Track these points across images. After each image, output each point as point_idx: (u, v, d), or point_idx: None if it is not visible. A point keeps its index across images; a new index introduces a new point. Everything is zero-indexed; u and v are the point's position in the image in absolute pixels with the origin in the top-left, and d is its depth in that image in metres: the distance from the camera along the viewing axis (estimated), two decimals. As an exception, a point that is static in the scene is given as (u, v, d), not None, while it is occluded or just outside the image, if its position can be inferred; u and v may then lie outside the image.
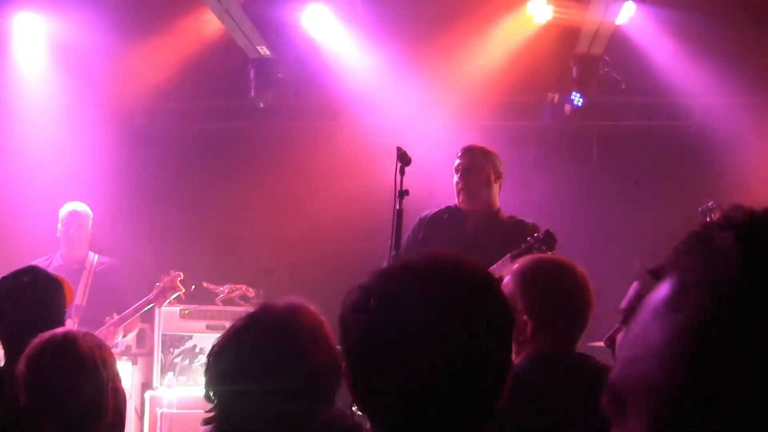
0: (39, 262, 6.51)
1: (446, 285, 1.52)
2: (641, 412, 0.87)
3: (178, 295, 6.35)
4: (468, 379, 1.48)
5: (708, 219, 5.81)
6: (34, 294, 3.57)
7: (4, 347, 3.62)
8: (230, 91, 8.06)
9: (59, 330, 3.05)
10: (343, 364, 1.58)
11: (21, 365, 2.85)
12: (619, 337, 2.37)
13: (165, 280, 6.34)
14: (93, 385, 2.81)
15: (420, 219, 5.44)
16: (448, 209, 5.39)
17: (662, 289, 0.91)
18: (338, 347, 2.26)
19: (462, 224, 5.29)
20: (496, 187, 5.30)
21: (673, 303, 0.89)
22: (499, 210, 5.31)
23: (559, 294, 2.82)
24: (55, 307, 3.63)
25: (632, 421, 0.89)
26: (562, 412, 2.63)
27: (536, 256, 3.10)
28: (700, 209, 5.85)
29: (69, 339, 2.88)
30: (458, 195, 5.30)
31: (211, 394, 2.30)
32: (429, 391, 1.47)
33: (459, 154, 5.36)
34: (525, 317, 2.78)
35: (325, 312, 2.45)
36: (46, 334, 2.94)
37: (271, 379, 2.23)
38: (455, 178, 5.32)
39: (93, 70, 7.87)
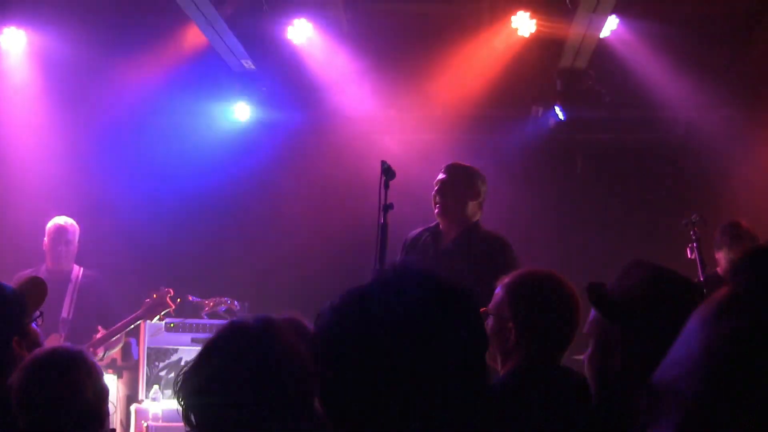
0: (24, 274, 6.49)
1: (418, 303, 1.53)
2: (673, 412, 0.89)
3: (168, 312, 6.33)
4: (440, 396, 1.49)
5: (692, 231, 5.85)
6: None
7: None
8: (214, 104, 8.06)
9: (57, 346, 3.12)
10: (318, 382, 1.58)
11: (16, 377, 2.87)
12: (584, 357, 2.40)
13: (155, 296, 6.31)
14: (94, 392, 2.94)
15: (404, 240, 5.42)
16: (428, 229, 5.36)
17: (713, 301, 0.93)
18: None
19: (436, 242, 5.27)
20: (473, 204, 5.22)
21: (719, 312, 0.92)
22: (475, 225, 5.24)
23: (545, 303, 2.84)
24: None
25: (663, 420, 0.90)
26: (545, 426, 2.64)
27: (527, 268, 3.11)
28: (683, 221, 5.90)
29: (72, 350, 2.99)
30: (434, 208, 5.28)
31: (188, 411, 2.30)
32: (402, 412, 1.47)
33: (442, 169, 5.35)
34: (510, 324, 2.80)
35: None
36: (42, 350, 3.00)
37: (244, 394, 2.24)
38: (433, 191, 5.30)
39: (78, 83, 7.87)
